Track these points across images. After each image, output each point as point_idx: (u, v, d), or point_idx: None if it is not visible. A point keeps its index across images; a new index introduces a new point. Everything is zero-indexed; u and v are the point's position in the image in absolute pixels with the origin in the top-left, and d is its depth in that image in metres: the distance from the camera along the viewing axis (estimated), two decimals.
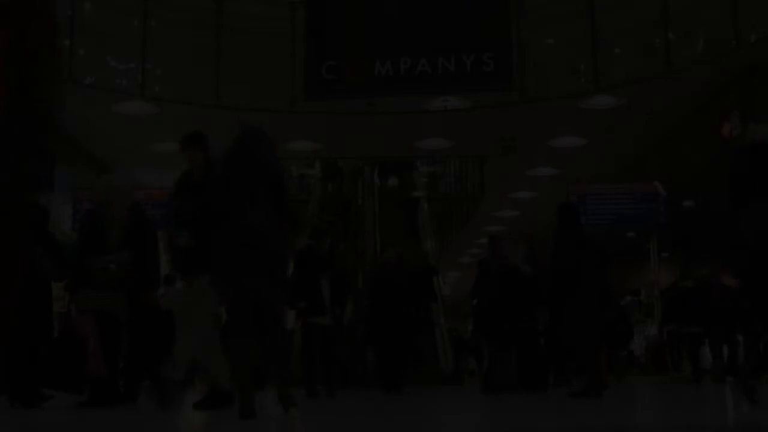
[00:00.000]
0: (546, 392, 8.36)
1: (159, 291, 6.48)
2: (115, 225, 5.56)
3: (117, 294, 5.45)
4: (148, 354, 5.65)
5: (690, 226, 12.48)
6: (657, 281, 15.04)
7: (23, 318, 5.52)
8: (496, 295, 8.82)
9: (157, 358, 5.77)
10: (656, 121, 13.17)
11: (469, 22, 11.82)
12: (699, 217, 6.62)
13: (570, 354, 8.43)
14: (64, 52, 2.82)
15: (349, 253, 13.91)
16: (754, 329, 6.52)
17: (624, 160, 15.19)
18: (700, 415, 4.80)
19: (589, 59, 12.17)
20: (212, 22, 12.39)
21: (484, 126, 13.14)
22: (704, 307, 11.54)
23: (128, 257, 5.45)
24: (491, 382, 9.08)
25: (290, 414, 4.45)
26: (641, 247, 16.49)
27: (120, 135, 13.00)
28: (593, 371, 6.92)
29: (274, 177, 4.46)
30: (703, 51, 11.69)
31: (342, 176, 17.16)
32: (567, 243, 7.11)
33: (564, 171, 15.07)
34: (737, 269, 6.68)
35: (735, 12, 10.95)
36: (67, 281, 6.40)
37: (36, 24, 2.74)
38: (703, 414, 5.01)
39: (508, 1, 12.02)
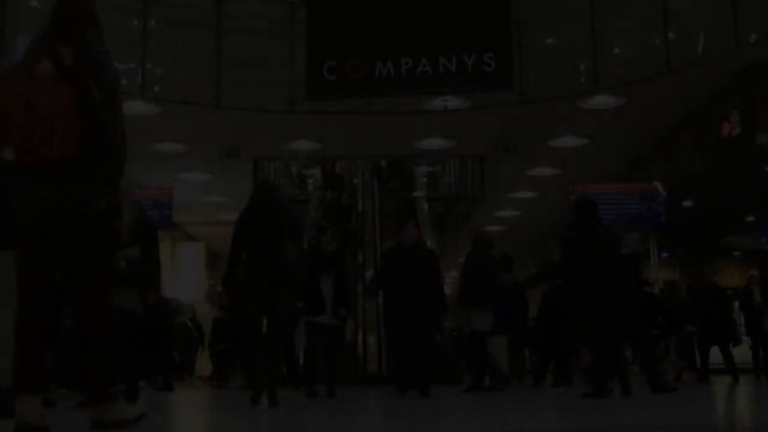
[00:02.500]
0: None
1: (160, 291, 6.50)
2: (123, 224, 5.56)
3: (129, 290, 5.46)
4: (148, 354, 5.67)
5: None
6: (657, 281, 15.05)
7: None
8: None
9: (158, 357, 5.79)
10: (656, 121, 13.16)
11: (470, 22, 11.80)
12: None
13: (573, 354, 8.42)
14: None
15: (350, 263, 13.87)
16: None
17: (624, 160, 15.19)
18: (697, 415, 4.81)
19: (589, 59, 12.16)
20: (212, 22, 12.38)
21: (484, 126, 13.14)
22: (664, 311, 11.69)
23: (137, 253, 5.49)
24: (482, 381, 9.13)
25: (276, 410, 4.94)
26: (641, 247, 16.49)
27: None
28: (599, 372, 6.91)
29: (294, 219, 5.94)
30: (703, 51, 11.67)
31: (342, 184, 17.18)
32: (570, 242, 7.09)
33: (564, 171, 15.07)
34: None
35: (735, 12, 10.93)
36: None
37: (98, 76, 2.90)
38: (699, 414, 5.01)
39: (509, 1, 12.01)
